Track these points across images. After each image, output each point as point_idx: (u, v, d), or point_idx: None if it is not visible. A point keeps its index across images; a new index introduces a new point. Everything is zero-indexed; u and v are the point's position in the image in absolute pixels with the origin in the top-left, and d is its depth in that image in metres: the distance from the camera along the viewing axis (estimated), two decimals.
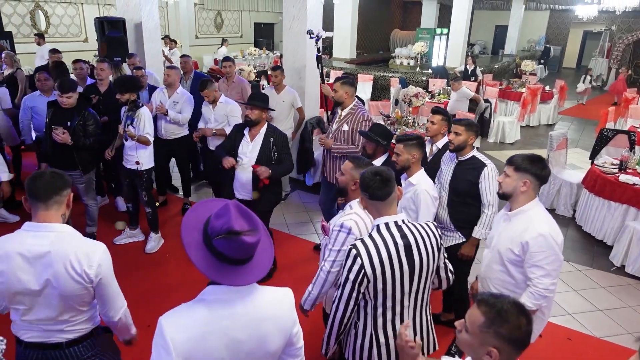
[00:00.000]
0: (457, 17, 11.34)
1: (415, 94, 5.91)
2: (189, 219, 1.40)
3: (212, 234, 1.33)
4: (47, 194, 1.72)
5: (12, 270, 1.70)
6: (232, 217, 1.32)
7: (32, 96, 4.82)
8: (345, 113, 3.95)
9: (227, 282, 1.35)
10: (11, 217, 4.85)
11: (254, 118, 3.55)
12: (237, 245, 1.32)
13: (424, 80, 10.08)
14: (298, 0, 5.48)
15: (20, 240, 1.72)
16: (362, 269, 1.87)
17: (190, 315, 1.34)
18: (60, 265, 1.71)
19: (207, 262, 1.34)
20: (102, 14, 12.75)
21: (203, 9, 15.48)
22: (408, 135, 2.97)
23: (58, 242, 1.71)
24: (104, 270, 1.80)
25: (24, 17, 11.28)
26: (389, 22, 20.03)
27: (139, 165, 4.13)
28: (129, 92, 4.00)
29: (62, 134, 3.86)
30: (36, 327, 1.82)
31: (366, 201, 1.99)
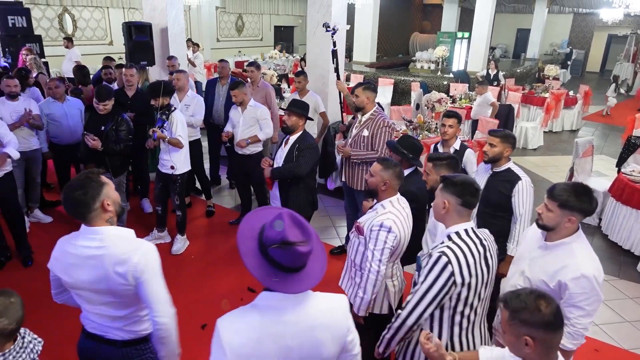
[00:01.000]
0: (479, 21, 11.24)
1: (439, 100, 5.90)
2: (244, 229, 1.46)
3: (267, 242, 1.38)
4: (81, 214, 1.79)
5: (65, 268, 1.82)
6: (286, 228, 1.36)
7: (47, 102, 4.84)
8: (365, 118, 3.93)
9: (282, 290, 1.38)
10: (44, 218, 4.99)
11: (290, 124, 3.61)
12: (291, 255, 1.36)
13: (445, 85, 10.02)
14: (322, 6, 5.52)
15: (74, 242, 1.83)
16: (452, 276, 1.84)
17: (245, 320, 1.39)
18: (107, 266, 1.78)
19: (263, 270, 1.38)
20: (126, 18, 13.02)
21: (225, 12, 15.67)
22: (441, 154, 2.89)
23: (105, 244, 1.79)
24: (143, 269, 1.80)
25: (52, 20, 11.59)
26: (408, 25, 19.97)
27: (173, 170, 4.22)
28: (162, 97, 4.10)
29: (92, 140, 3.99)
30: (96, 320, 1.92)
31: (454, 207, 1.97)
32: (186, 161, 4.37)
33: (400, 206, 2.53)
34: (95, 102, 4.05)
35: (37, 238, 4.49)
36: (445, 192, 1.99)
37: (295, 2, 17.80)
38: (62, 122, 4.73)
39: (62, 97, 4.84)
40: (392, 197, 2.53)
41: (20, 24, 9.29)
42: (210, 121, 5.59)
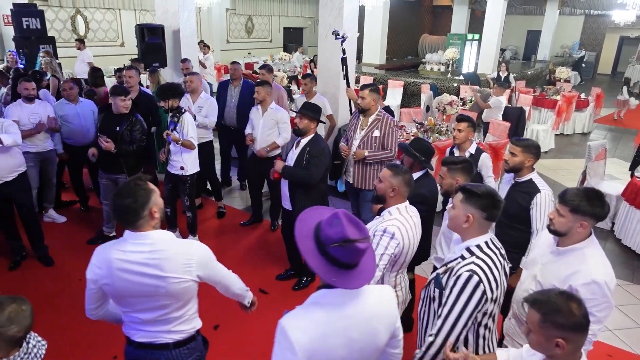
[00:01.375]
0: (490, 23, 11.20)
1: (450, 102, 5.88)
2: (301, 229, 1.52)
3: (327, 242, 1.44)
4: (130, 221, 1.81)
5: (113, 276, 1.80)
6: (345, 226, 1.44)
7: (60, 104, 4.86)
8: (372, 119, 3.98)
9: (344, 286, 1.46)
10: (59, 218, 5.05)
11: (302, 127, 3.63)
12: (352, 252, 1.44)
13: (455, 87, 9.99)
14: (334, 9, 5.54)
15: (121, 248, 1.81)
16: (485, 294, 1.80)
17: (310, 318, 1.46)
18: (163, 268, 1.81)
19: (324, 268, 1.45)
20: (138, 20, 13.14)
21: (235, 14, 15.75)
22: (455, 158, 2.85)
23: (158, 248, 1.82)
24: (204, 262, 1.93)
25: (65, 22, 11.73)
26: (418, 27, 19.95)
27: (183, 171, 4.25)
28: (171, 99, 4.13)
29: (106, 142, 4.04)
30: (146, 327, 1.92)
31: (477, 220, 1.91)
32: (195, 162, 4.41)
33: (407, 214, 2.47)
34: (120, 99, 4.08)
35: (52, 238, 4.54)
36: (469, 204, 1.91)
37: (305, 3, 17.84)
38: (74, 123, 4.78)
39: (76, 99, 4.88)
40: (400, 205, 2.48)
41: (34, 26, 9.41)
42: (222, 123, 5.62)
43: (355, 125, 4.09)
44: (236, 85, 5.60)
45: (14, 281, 4.02)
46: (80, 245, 4.61)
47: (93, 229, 4.91)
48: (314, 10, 18.58)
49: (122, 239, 1.87)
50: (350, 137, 4.14)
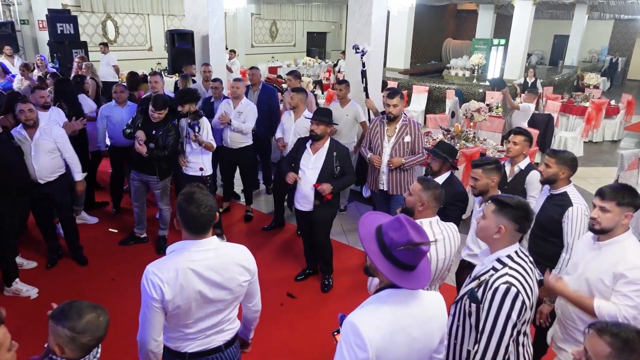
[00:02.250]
0: (517, 28, 11.05)
1: (477, 109, 5.84)
2: (365, 234, 1.63)
3: (391, 245, 1.54)
4: (206, 228, 1.87)
5: (186, 288, 1.81)
6: (409, 230, 1.54)
7: (109, 106, 5.10)
8: (399, 125, 4.00)
9: (409, 286, 1.55)
10: (90, 219, 5.19)
11: (320, 133, 3.68)
12: (416, 254, 1.54)
13: (480, 93, 9.89)
14: (362, 16, 5.56)
15: (188, 258, 1.84)
16: (524, 304, 1.81)
17: (379, 316, 1.53)
18: (229, 271, 1.90)
19: (389, 269, 1.55)
20: (166, 25, 13.43)
21: (259, 18, 15.93)
22: (485, 159, 2.93)
23: (220, 252, 1.90)
24: (255, 266, 2.03)
25: (96, 27, 12.07)
26: (441, 31, 19.80)
27: (202, 171, 4.37)
28: (188, 103, 4.26)
29: (139, 144, 4.15)
30: (200, 336, 1.96)
31: (510, 232, 1.91)
32: (210, 163, 4.55)
33: (438, 229, 2.46)
34: (150, 109, 4.22)
35: (86, 238, 4.66)
36: (502, 216, 1.90)
37: (328, 8, 17.93)
38: (118, 125, 4.93)
39: (124, 102, 5.08)
40: (432, 218, 2.48)
41: (68, 31, 9.73)
42: None
43: (381, 133, 4.07)
44: (255, 90, 5.69)
45: (51, 279, 4.15)
46: (113, 246, 4.74)
47: (125, 230, 5.04)
48: (337, 15, 18.66)
49: (183, 249, 1.86)
50: (376, 146, 4.10)
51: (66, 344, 1.52)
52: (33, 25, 10.72)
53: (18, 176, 3.73)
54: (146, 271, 1.85)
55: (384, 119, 4.08)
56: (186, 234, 1.89)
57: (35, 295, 3.89)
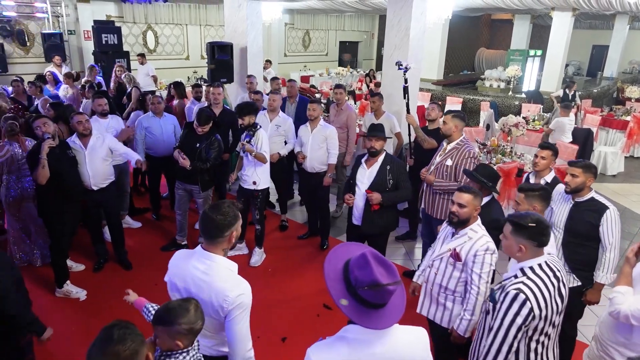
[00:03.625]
0: (555, 39, 10.85)
1: (516, 124, 5.78)
2: (329, 271, 1.56)
3: (357, 284, 1.48)
4: (212, 235, 1.97)
5: (174, 279, 2.05)
6: (373, 269, 1.47)
7: (147, 117, 5.28)
8: (450, 147, 3.91)
9: (372, 326, 1.48)
10: (134, 224, 5.41)
11: (379, 148, 3.72)
12: (381, 294, 1.48)
13: (516, 105, 9.76)
14: (400, 30, 5.62)
15: (189, 260, 2.03)
16: (531, 312, 1.95)
17: (335, 352, 1.50)
18: (207, 292, 1.94)
19: (353, 308, 1.49)
20: (203, 35, 13.81)
21: (293, 28, 16.16)
22: (532, 185, 2.97)
23: (210, 271, 1.96)
24: (236, 309, 1.91)
25: (138, 37, 12.52)
26: (475, 40, 19.60)
27: (255, 185, 4.45)
28: (248, 116, 4.36)
29: (183, 159, 4.30)
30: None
31: (530, 249, 2.05)
32: (267, 177, 4.59)
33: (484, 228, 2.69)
34: (195, 124, 4.38)
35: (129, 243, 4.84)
36: (519, 236, 2.06)
37: (361, 18, 18.03)
38: (157, 135, 5.14)
39: (161, 113, 5.26)
40: (479, 221, 2.69)
41: (112, 41, 10.12)
42: None
43: (439, 151, 4.07)
44: (292, 102, 5.80)
45: (98, 282, 4.35)
46: (154, 252, 4.91)
47: (165, 236, 5.22)
48: (369, 25, 18.73)
49: (194, 251, 2.06)
50: (432, 162, 4.11)
51: (186, 336, 1.70)
52: (79, 36, 11.22)
53: (71, 185, 3.94)
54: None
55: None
56: (204, 241, 2.03)
57: (84, 297, 4.08)
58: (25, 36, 10.47)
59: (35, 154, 3.64)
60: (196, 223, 5.20)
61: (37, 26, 10.70)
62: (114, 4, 11.61)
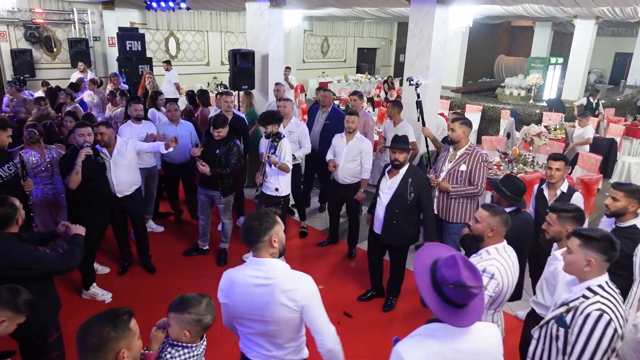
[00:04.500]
0: (578, 47, 10.72)
1: (538, 133, 5.74)
2: (419, 266, 1.69)
3: (442, 282, 1.59)
4: (251, 241, 2.03)
5: (236, 297, 2.04)
6: (461, 271, 1.57)
7: (163, 125, 5.37)
8: (460, 153, 3.98)
9: (455, 324, 1.59)
10: (157, 228, 5.50)
11: (402, 160, 3.75)
12: (465, 295, 1.57)
13: (537, 114, 9.66)
14: (422, 39, 5.64)
15: (243, 272, 2.06)
16: (616, 332, 1.87)
17: (425, 348, 1.61)
18: (275, 295, 1.99)
19: (437, 305, 1.60)
20: (223, 41, 14.01)
21: (312, 35, 16.27)
22: (566, 206, 2.78)
23: (270, 273, 2.02)
24: (308, 298, 2.01)
25: (160, 43, 12.76)
26: (494, 47, 19.45)
27: (278, 192, 4.50)
28: (271, 125, 4.41)
29: (202, 165, 4.37)
30: (257, 348, 2.12)
31: (599, 263, 1.99)
32: (288, 184, 4.64)
33: (506, 254, 2.52)
34: (211, 128, 4.46)
35: (152, 247, 4.92)
36: (588, 249, 1.98)
37: (379, 25, 18.06)
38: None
39: (177, 120, 5.35)
40: (498, 244, 2.53)
41: (136, 48, 10.32)
42: None
43: (445, 157, 4.14)
44: (324, 111, 5.82)
45: (123, 285, 4.44)
46: (177, 256, 5.00)
47: (187, 240, 5.31)
48: (388, 31, 18.75)
49: (245, 264, 2.10)
50: (438, 168, 4.18)
51: (193, 327, 1.80)
52: (104, 42, 11.48)
53: (101, 190, 4.05)
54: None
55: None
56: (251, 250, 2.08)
57: (110, 300, 4.17)
58: (52, 42, 10.76)
59: (69, 159, 3.75)
60: (218, 226, 5.27)
61: (64, 33, 10.99)
62: (138, 11, 11.86)
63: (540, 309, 2.73)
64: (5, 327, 2.05)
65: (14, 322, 2.07)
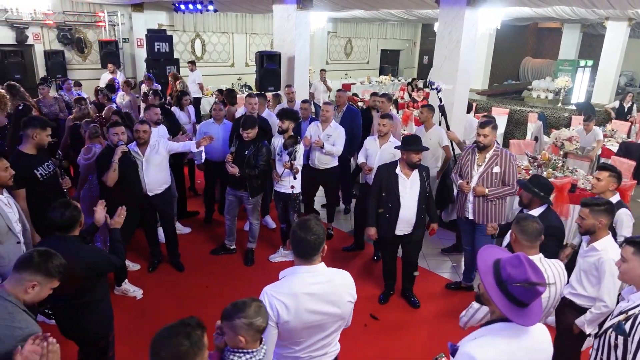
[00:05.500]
0: (609, 49, 10.45)
1: (569, 138, 5.63)
2: (483, 267, 1.73)
3: (508, 280, 1.63)
4: (309, 255, 2.04)
5: (301, 308, 2.00)
6: (527, 269, 1.62)
7: (207, 123, 5.50)
8: (490, 155, 4.00)
9: (521, 323, 1.63)
10: (183, 229, 5.57)
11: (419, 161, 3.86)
12: (532, 293, 1.61)
13: (565, 117, 9.47)
14: (451, 42, 5.60)
15: (303, 282, 2.03)
16: None
17: (496, 348, 1.65)
18: (339, 294, 2.08)
19: (503, 302, 1.64)
20: (248, 43, 14.16)
21: (335, 36, 16.30)
22: (595, 200, 2.88)
23: (330, 277, 2.09)
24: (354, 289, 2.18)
25: (186, 45, 12.97)
26: (520, 49, 19.12)
27: (293, 189, 4.58)
28: (288, 121, 4.50)
29: (231, 167, 4.43)
30: (307, 357, 2.14)
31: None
32: (299, 182, 4.73)
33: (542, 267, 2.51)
34: (242, 129, 4.52)
35: (180, 246, 5.00)
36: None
37: (404, 26, 17.98)
38: (214, 141, 5.29)
39: (221, 120, 5.45)
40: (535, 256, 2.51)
41: (164, 49, 10.52)
42: None
43: (472, 161, 4.10)
44: (340, 111, 5.84)
45: (153, 282, 4.53)
46: (204, 255, 5.08)
47: (214, 240, 5.39)
48: (412, 33, 18.65)
49: (295, 273, 2.04)
50: (466, 173, 4.15)
51: (247, 331, 1.77)
52: (132, 43, 11.74)
53: (134, 188, 4.15)
54: (264, 293, 2.02)
55: (475, 147, 4.09)
56: (296, 259, 2.07)
57: (141, 296, 4.27)
58: (83, 44, 11.05)
59: (105, 157, 3.87)
60: (244, 226, 5.33)
61: (95, 34, 11.28)
62: (165, 13, 12.08)
63: (581, 300, 2.84)
64: (37, 291, 2.02)
65: (47, 287, 2.05)
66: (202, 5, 9.42)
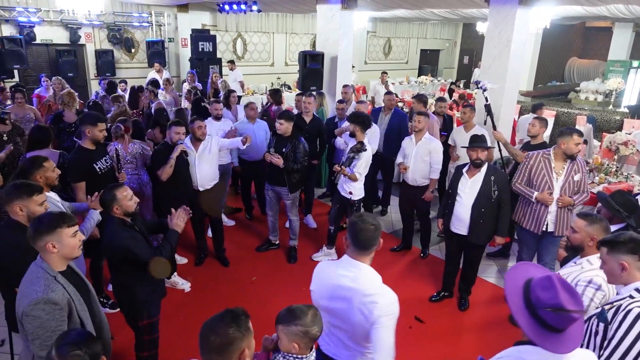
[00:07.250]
0: None
1: (625, 142, 5.40)
2: (510, 287, 1.59)
3: (537, 304, 1.48)
4: (364, 246, 2.06)
5: (320, 288, 2.12)
6: (559, 293, 1.46)
7: (241, 123, 5.58)
8: (569, 163, 3.79)
9: (553, 350, 1.48)
10: (229, 222, 5.72)
11: (484, 159, 3.76)
12: (564, 319, 1.46)
13: (617, 120, 9.08)
14: (501, 42, 5.47)
15: (334, 268, 2.12)
16: None
17: None
18: (353, 298, 2.03)
19: (532, 327, 1.50)
20: (288, 42, 14.28)
21: (375, 36, 16.22)
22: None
23: (357, 278, 2.05)
24: (383, 317, 1.98)
25: (228, 44, 13.21)
26: (566, 49, 18.45)
27: (351, 195, 4.54)
28: (359, 125, 4.42)
29: (277, 158, 4.47)
30: (331, 342, 2.19)
31: (633, 264, 1.97)
32: (362, 189, 4.65)
33: None
34: (276, 121, 4.61)
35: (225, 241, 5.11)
36: (619, 253, 1.98)
37: (444, 26, 17.69)
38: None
39: (254, 119, 5.52)
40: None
41: (207, 49, 10.79)
42: None
43: (547, 169, 3.82)
44: (387, 113, 5.82)
45: (199, 275, 4.65)
46: (249, 250, 5.17)
47: (258, 236, 5.48)
48: (452, 33, 18.32)
49: (340, 260, 2.17)
50: (542, 183, 3.83)
51: (301, 339, 1.79)
52: (177, 43, 12.06)
53: (186, 183, 4.29)
54: None
55: (547, 153, 3.85)
56: (353, 250, 2.10)
57: (189, 289, 4.39)
58: (131, 43, 11.44)
59: (161, 153, 4.03)
60: (285, 223, 5.39)
61: (142, 34, 11.65)
62: (209, 14, 12.35)
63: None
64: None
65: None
66: (247, 6, 9.58)
